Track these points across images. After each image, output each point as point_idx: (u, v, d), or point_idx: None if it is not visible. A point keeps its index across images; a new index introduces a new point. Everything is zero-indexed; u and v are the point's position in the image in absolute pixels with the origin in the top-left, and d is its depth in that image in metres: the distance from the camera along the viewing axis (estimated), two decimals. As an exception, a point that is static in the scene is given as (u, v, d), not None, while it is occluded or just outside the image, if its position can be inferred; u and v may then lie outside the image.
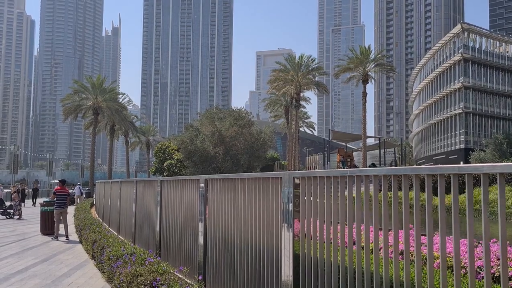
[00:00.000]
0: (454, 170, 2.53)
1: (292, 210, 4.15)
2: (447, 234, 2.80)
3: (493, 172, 2.26)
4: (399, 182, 3.06)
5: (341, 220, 3.66)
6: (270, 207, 4.56)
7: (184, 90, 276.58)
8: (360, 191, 3.43)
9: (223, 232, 5.86)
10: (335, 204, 3.64)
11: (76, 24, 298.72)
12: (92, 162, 52.92)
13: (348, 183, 3.54)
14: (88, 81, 51.21)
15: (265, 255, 4.57)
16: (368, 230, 3.48)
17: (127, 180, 13.20)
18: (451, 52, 70.85)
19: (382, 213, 3.10)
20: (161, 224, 8.92)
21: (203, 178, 6.74)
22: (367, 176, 3.43)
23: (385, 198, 3.17)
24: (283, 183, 4.38)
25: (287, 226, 4.17)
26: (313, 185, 4.02)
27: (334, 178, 3.65)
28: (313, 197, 4.06)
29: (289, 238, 4.13)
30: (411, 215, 2.95)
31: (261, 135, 44.27)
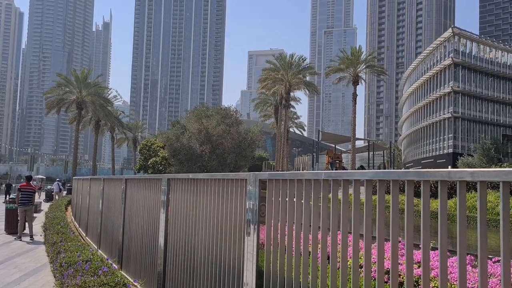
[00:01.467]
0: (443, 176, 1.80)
1: (257, 216, 3.51)
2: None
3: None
4: (387, 186, 2.47)
5: (312, 230, 2.98)
6: (234, 213, 3.94)
7: (174, 87, 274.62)
8: (338, 196, 2.72)
9: (185, 240, 5.15)
10: (307, 210, 3.00)
11: (66, 18, 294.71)
12: (75, 157, 51.59)
13: (323, 187, 2.87)
14: (72, 74, 49.84)
15: (228, 268, 3.94)
16: (346, 242, 2.71)
17: (96, 177, 12.28)
18: (442, 56, 70.77)
19: (364, 223, 2.40)
20: (124, 228, 8.05)
21: (165, 178, 5.99)
22: (346, 181, 2.69)
23: (369, 207, 2.44)
24: (249, 186, 3.64)
25: (251, 235, 3.55)
26: (282, 188, 3.30)
27: (306, 181, 3.00)
28: (281, 202, 3.32)
29: (252, 249, 3.49)
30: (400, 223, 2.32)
31: (249, 134, 43.44)
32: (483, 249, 1.83)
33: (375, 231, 2.44)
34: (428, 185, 2.09)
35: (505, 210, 1.74)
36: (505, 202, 1.80)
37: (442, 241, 2.04)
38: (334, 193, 2.88)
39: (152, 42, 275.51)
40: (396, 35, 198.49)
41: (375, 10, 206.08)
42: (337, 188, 2.75)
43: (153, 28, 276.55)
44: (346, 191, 2.69)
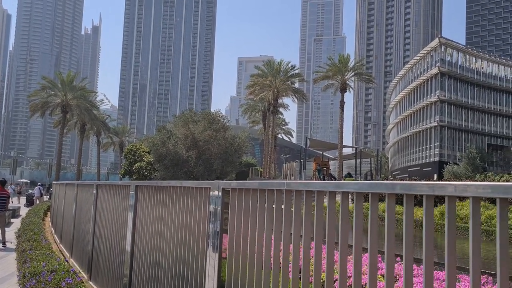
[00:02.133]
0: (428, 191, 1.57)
1: (220, 225, 3.33)
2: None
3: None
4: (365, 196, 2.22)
5: (284, 242, 2.72)
6: (197, 221, 3.76)
7: (163, 92, 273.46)
8: (301, 207, 2.52)
9: (151, 248, 4.92)
10: (272, 220, 2.77)
11: (54, 21, 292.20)
12: (58, 161, 50.74)
13: (286, 198, 2.65)
14: (58, 77, 49.12)
15: (191, 278, 3.77)
16: (320, 256, 2.48)
17: (70, 182, 11.91)
18: (428, 65, 71.52)
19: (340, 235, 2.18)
20: (94, 235, 7.71)
21: (133, 184, 5.73)
22: (308, 192, 2.46)
23: (346, 216, 2.23)
24: (212, 194, 3.51)
25: (212, 248, 3.37)
26: (245, 198, 3.10)
27: (269, 191, 2.79)
28: (243, 213, 3.12)
29: (214, 260, 3.30)
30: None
31: (236, 140, 43.13)
32: (451, 264, 1.61)
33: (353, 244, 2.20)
34: (376, 197, 1.86)
35: (475, 224, 1.51)
36: (475, 216, 1.58)
37: (427, 260, 1.81)
38: (309, 202, 2.65)
39: (141, 46, 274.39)
40: (384, 44, 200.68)
41: (364, 19, 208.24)
42: (321, 197, 2.54)
43: (142, 32, 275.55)
44: (321, 202, 2.47)
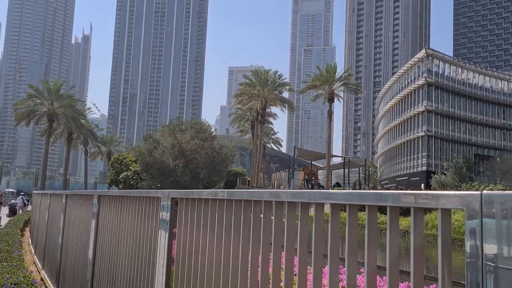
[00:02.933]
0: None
1: (168, 236, 3.31)
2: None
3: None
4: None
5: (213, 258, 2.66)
6: (149, 230, 3.76)
7: (153, 101, 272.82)
8: (250, 217, 2.45)
9: (111, 258, 4.86)
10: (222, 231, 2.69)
11: (44, 29, 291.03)
12: (44, 171, 50.15)
13: (235, 208, 2.57)
14: (44, 86, 48.74)
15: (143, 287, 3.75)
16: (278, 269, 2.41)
17: (45, 192, 11.73)
18: (416, 76, 72.36)
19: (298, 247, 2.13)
20: (63, 245, 7.57)
21: (96, 194, 5.65)
22: (257, 202, 2.44)
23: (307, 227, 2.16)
24: (162, 203, 3.41)
25: (161, 256, 3.34)
26: (191, 208, 3.08)
27: (220, 201, 2.73)
28: (190, 222, 3.09)
29: (162, 271, 3.29)
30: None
31: (224, 149, 43.03)
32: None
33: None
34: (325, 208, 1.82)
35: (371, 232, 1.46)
36: (392, 226, 1.54)
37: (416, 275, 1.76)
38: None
39: (132, 55, 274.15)
40: (373, 55, 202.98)
41: (353, 30, 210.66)
42: (247, 209, 2.50)
43: (133, 41, 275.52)
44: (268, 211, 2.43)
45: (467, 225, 1.06)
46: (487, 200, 1.03)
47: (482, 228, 1.03)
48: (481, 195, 1.05)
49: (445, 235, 1.24)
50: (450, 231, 1.27)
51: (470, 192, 1.09)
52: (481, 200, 1.04)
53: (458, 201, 1.11)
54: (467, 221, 1.06)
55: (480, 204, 1.04)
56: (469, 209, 1.06)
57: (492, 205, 1.01)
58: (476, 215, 1.04)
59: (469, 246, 1.05)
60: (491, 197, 1.03)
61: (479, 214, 1.04)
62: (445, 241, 1.22)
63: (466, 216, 1.07)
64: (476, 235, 1.03)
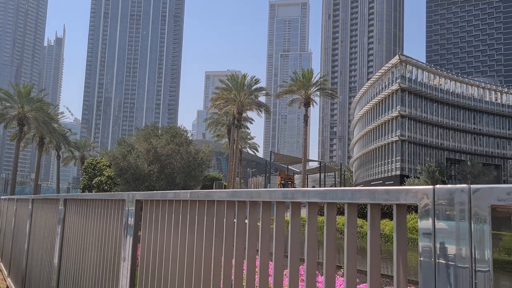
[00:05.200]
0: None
1: (132, 239, 3.28)
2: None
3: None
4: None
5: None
6: (114, 233, 3.70)
7: (129, 105, 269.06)
8: (207, 217, 2.41)
9: (77, 263, 4.75)
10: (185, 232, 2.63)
11: (15, 31, 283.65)
12: (13, 176, 48.64)
13: (199, 209, 2.53)
14: (14, 88, 47.37)
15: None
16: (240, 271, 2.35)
17: (11, 197, 11.36)
18: (390, 81, 73.78)
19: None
20: (29, 252, 7.31)
21: (62, 198, 5.48)
22: (210, 202, 2.39)
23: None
24: (127, 206, 3.34)
25: (125, 259, 3.31)
26: (156, 211, 3.02)
27: (183, 202, 2.66)
28: (154, 224, 3.03)
29: (127, 274, 3.24)
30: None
31: (199, 154, 42.73)
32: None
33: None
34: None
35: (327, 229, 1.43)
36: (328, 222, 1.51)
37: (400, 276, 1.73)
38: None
39: (106, 59, 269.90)
40: (349, 60, 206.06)
41: (329, 36, 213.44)
42: (211, 209, 2.45)
43: (108, 45, 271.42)
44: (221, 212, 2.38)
45: (420, 220, 1.06)
46: (440, 194, 1.02)
47: (434, 224, 1.02)
48: (433, 190, 1.06)
49: (400, 232, 1.22)
50: (406, 228, 1.25)
51: (423, 187, 1.09)
52: (434, 194, 1.04)
53: (412, 196, 1.10)
54: (421, 216, 1.06)
55: (433, 199, 1.03)
56: (422, 204, 1.05)
57: (445, 199, 1.01)
58: (429, 210, 1.04)
59: (422, 243, 1.05)
60: (442, 190, 1.03)
61: (432, 209, 1.03)
62: (400, 239, 1.21)
63: (419, 211, 1.07)
64: (429, 232, 1.02)
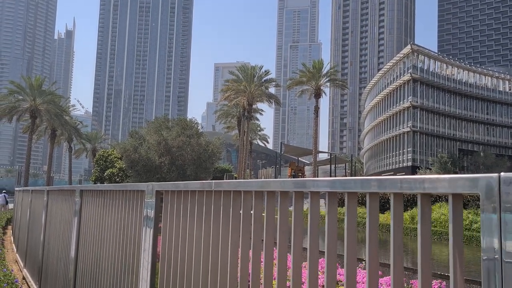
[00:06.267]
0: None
1: (153, 230, 3.17)
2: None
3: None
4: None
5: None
6: (133, 225, 3.61)
7: (139, 98, 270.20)
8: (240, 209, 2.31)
9: (94, 255, 4.70)
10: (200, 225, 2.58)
11: (26, 24, 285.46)
12: (27, 168, 49.25)
13: (224, 200, 2.42)
14: (26, 81, 47.76)
15: (127, 284, 3.60)
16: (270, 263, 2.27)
17: (27, 188, 11.43)
18: (401, 72, 72.89)
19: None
20: (45, 244, 7.33)
21: (79, 189, 5.45)
22: (237, 192, 2.30)
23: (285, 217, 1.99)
24: (146, 197, 3.35)
25: (146, 251, 3.20)
26: (177, 202, 2.92)
27: (207, 193, 2.58)
28: (175, 216, 2.95)
29: (147, 267, 3.15)
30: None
31: (210, 146, 42.77)
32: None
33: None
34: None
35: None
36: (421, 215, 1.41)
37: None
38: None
39: (116, 51, 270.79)
40: (359, 51, 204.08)
41: (339, 26, 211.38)
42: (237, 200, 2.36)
43: (117, 37, 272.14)
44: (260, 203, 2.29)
45: (483, 213, 0.94)
46: (508, 183, 0.89)
47: (500, 216, 0.90)
48: (499, 178, 0.93)
49: (456, 224, 1.10)
50: (462, 220, 1.16)
51: (487, 175, 0.96)
52: (500, 183, 0.90)
53: (472, 186, 0.98)
54: (483, 207, 0.94)
55: (498, 188, 0.90)
56: (485, 194, 0.92)
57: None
58: (494, 200, 0.91)
59: (486, 238, 0.94)
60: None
61: (497, 199, 0.91)
62: (456, 231, 1.10)
63: (482, 202, 0.94)
64: (494, 225, 0.90)
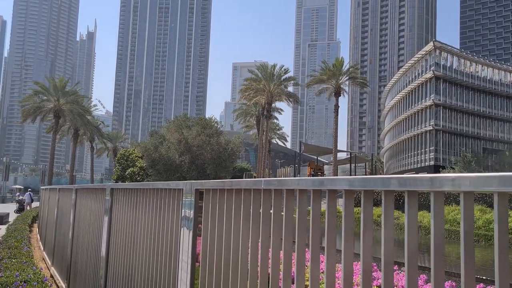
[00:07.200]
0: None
1: (192, 231, 3.03)
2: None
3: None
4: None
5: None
6: (170, 224, 3.48)
7: (158, 98, 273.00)
8: (281, 208, 2.20)
9: (126, 255, 4.62)
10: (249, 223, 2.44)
11: (49, 26, 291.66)
12: (50, 167, 50.24)
13: (265, 197, 2.32)
14: (50, 82, 48.69)
15: (164, 284, 3.48)
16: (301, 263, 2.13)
17: (53, 187, 11.54)
18: (423, 69, 71.60)
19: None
20: (73, 241, 7.35)
21: (109, 187, 5.40)
22: (290, 190, 2.13)
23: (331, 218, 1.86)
24: (184, 195, 3.20)
25: (185, 252, 3.08)
26: (220, 199, 2.76)
27: (245, 191, 2.50)
28: (218, 216, 2.83)
29: (187, 268, 3.04)
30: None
31: (229, 145, 42.82)
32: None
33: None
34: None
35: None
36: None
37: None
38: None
39: (136, 52, 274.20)
40: (378, 49, 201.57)
41: (358, 25, 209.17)
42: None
43: (137, 38, 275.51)
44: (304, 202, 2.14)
45: None
46: None
47: None
48: None
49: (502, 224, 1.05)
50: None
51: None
52: None
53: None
54: None
55: None
56: None
57: None
58: None
59: None
60: None
61: None
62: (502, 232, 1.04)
63: None
64: None
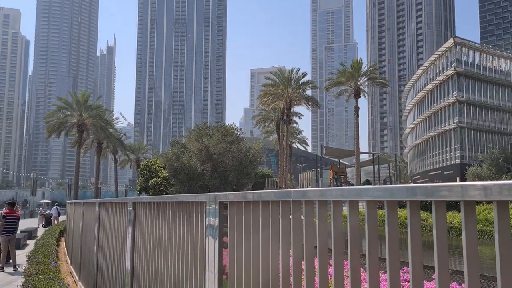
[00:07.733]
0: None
1: (218, 244, 2.94)
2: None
3: None
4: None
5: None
6: (194, 238, 3.39)
7: (177, 108, 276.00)
8: (309, 218, 2.05)
9: (151, 268, 4.57)
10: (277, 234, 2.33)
11: (70, 43, 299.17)
12: (76, 180, 51.15)
13: (292, 209, 2.19)
14: (73, 97, 49.80)
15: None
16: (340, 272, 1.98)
17: (78, 201, 11.64)
18: (444, 66, 70.21)
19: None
20: (98, 256, 7.33)
21: (131, 201, 5.36)
22: (323, 202, 1.97)
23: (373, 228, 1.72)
24: (208, 208, 3.11)
25: (211, 266, 2.99)
26: (245, 213, 2.67)
27: (272, 203, 2.40)
28: (245, 228, 2.71)
29: (214, 281, 2.96)
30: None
31: (250, 151, 42.78)
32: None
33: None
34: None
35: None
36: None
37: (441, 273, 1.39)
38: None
39: (154, 63, 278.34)
40: (397, 48, 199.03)
41: (374, 25, 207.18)
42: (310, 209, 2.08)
43: (155, 50, 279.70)
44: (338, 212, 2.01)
45: None
46: None
47: None
48: None
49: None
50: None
51: None
52: None
53: None
54: None
55: None
56: None
57: None
58: None
59: None
60: None
61: None
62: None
63: None
64: None
